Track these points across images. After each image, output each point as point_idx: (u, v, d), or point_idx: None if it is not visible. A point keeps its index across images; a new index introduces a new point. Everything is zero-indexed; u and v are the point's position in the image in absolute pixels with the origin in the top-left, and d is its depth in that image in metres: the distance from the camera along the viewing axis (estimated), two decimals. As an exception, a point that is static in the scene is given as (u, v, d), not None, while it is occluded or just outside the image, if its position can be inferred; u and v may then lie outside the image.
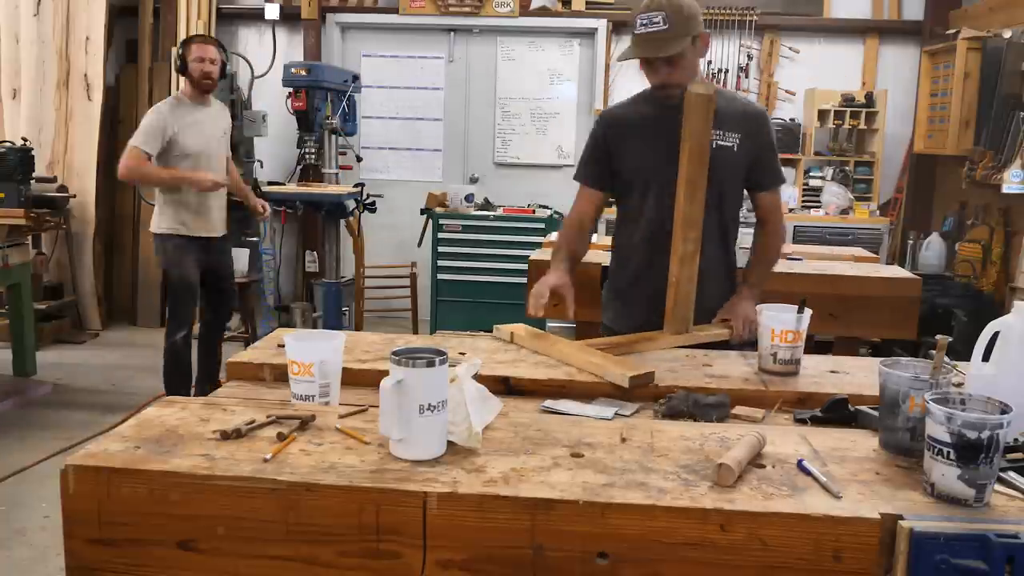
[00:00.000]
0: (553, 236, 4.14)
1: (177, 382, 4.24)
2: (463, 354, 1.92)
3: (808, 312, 1.87)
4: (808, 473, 1.25)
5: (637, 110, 2.36)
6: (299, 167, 6.12)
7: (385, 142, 6.90)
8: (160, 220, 4.21)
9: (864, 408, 1.56)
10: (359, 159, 6.33)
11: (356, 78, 6.06)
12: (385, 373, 1.28)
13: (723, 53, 6.46)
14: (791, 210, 6.02)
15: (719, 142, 2.24)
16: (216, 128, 4.30)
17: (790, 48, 6.48)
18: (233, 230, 4.83)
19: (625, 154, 2.34)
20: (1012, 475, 1.24)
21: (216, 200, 4.28)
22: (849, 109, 6.13)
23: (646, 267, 2.32)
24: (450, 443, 1.30)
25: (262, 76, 6.30)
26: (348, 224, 5.69)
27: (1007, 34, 5.11)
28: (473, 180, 6.77)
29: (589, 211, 2.42)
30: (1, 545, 3.13)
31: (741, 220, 2.44)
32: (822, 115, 6.16)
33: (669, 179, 2.24)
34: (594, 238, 2.51)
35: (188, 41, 4.29)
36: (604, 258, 3.29)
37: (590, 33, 6.56)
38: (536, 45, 6.71)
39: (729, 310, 2.28)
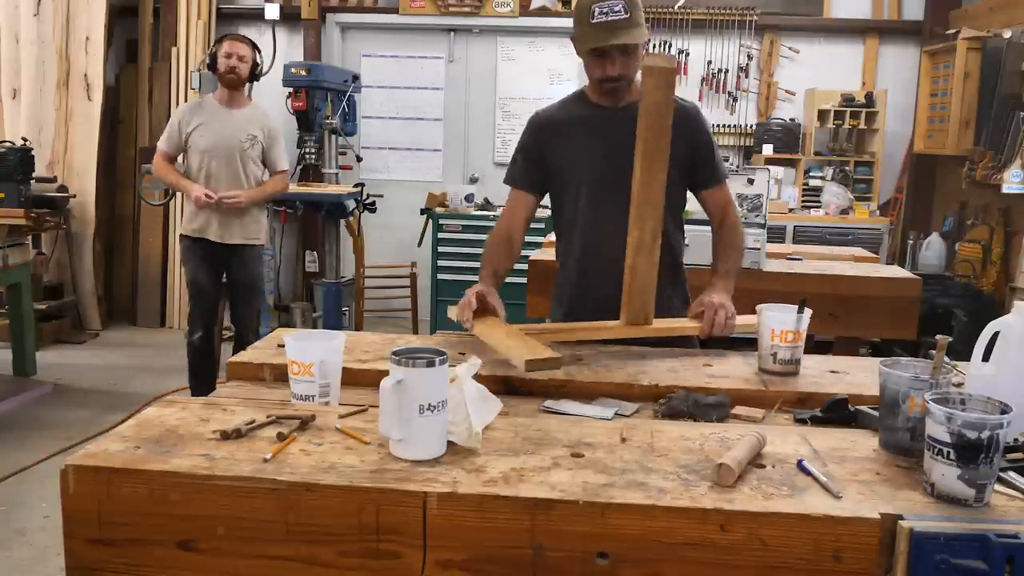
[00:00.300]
0: (553, 236, 4.14)
1: (198, 384, 4.22)
2: (463, 354, 1.91)
3: (808, 312, 1.86)
4: (808, 473, 1.25)
5: (569, 111, 2.29)
6: (299, 167, 6.12)
7: (385, 142, 6.90)
8: (183, 220, 4.33)
9: (864, 408, 1.56)
10: (359, 159, 6.34)
11: (356, 78, 6.06)
12: (385, 373, 1.28)
13: (723, 53, 6.46)
14: (791, 210, 6.02)
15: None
16: (237, 131, 4.20)
17: (790, 48, 6.48)
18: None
19: (556, 157, 2.26)
20: (1012, 475, 1.24)
21: (231, 208, 4.16)
22: (849, 109, 6.13)
23: (584, 275, 2.26)
24: (450, 443, 1.30)
25: (262, 76, 6.29)
26: (348, 224, 5.69)
27: (1007, 34, 5.11)
28: (473, 180, 6.77)
29: (520, 215, 2.32)
30: (1, 545, 3.14)
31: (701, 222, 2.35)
32: (822, 115, 6.16)
33: (601, 180, 2.19)
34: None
35: (221, 39, 4.30)
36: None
37: (590, 33, 6.55)
38: (536, 45, 6.71)
39: (700, 302, 2.10)
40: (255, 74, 4.34)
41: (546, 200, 2.39)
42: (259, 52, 4.37)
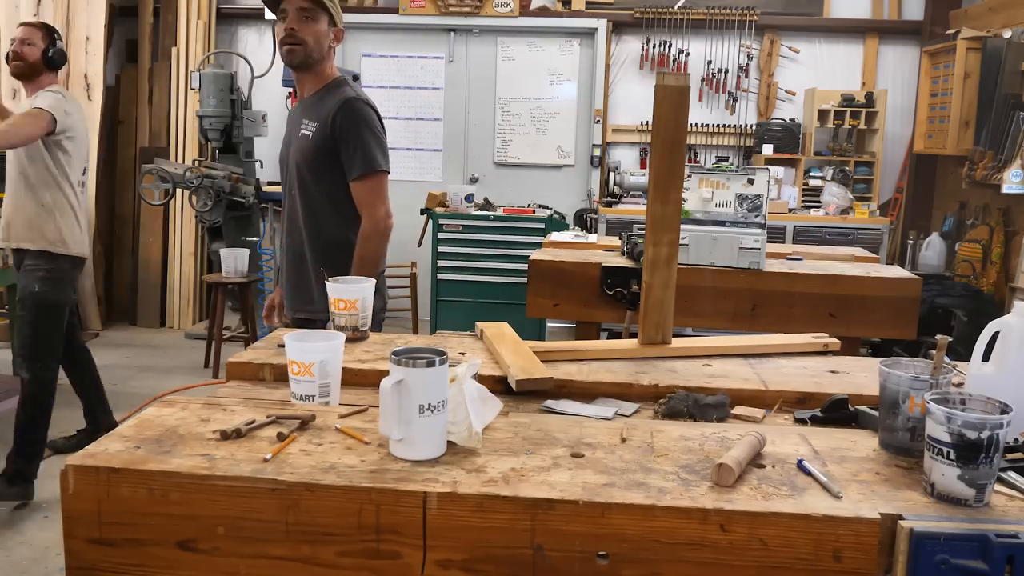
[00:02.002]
0: (554, 236, 4.13)
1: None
2: (463, 354, 1.91)
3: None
4: (808, 473, 1.25)
5: None
6: (299, 167, 6.11)
7: (385, 142, 6.89)
8: None
9: (864, 408, 1.56)
10: (359, 159, 6.32)
11: (356, 78, 6.05)
12: (385, 373, 1.28)
13: (723, 53, 6.46)
14: (791, 210, 6.02)
15: (303, 130, 2.50)
16: None
17: (790, 48, 6.48)
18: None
19: None
20: (1012, 475, 1.24)
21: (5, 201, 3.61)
22: (849, 109, 6.13)
23: None
24: (450, 443, 1.30)
25: (262, 76, 6.30)
26: (348, 224, 5.67)
27: (1007, 34, 5.11)
28: (473, 180, 6.77)
29: None
30: (1, 545, 3.14)
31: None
32: (822, 115, 6.17)
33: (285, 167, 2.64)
34: (593, 238, 2.46)
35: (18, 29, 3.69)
36: (604, 258, 3.29)
37: (590, 33, 6.56)
38: (536, 45, 6.71)
39: None
40: (51, 59, 3.60)
41: (544, 200, 2.42)
42: (56, 36, 3.67)
